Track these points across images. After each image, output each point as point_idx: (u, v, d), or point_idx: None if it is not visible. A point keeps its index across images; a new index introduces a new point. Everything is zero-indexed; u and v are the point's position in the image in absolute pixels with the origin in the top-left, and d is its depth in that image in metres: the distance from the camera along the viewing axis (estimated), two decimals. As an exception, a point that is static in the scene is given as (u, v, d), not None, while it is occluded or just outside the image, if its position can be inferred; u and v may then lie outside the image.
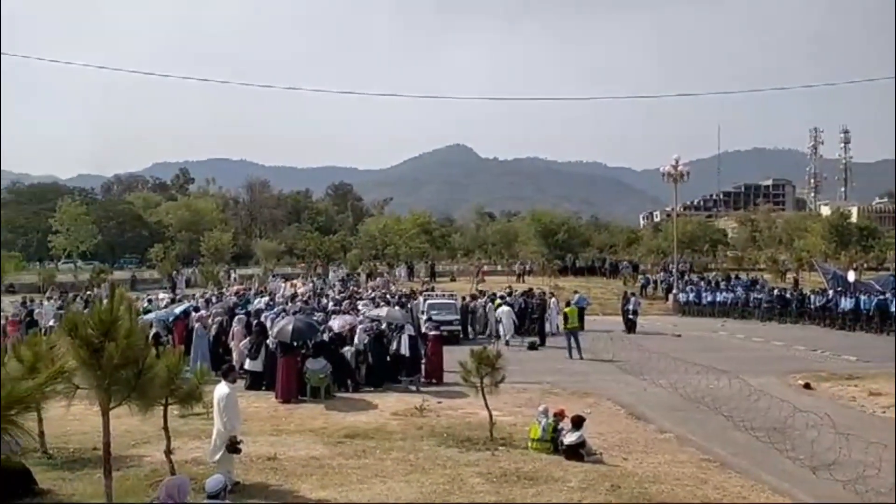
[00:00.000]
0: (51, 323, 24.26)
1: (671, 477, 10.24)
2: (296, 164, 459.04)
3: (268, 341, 17.71)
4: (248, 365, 17.75)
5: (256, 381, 17.52)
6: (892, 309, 29.04)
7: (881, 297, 30.61)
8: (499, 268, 62.45)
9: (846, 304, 31.34)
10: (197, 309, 23.59)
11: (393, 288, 38.95)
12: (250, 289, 36.27)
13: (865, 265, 57.07)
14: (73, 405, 7.90)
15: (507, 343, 25.08)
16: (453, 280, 52.41)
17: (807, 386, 17.60)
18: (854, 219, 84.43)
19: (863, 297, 31.03)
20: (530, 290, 33.17)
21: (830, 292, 33.73)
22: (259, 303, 26.48)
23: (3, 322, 23.82)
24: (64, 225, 61.04)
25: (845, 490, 9.65)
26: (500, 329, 26.45)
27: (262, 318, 20.84)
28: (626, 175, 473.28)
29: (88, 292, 36.38)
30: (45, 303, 30.48)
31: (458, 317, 27.48)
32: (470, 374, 12.47)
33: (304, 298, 28.79)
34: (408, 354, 18.10)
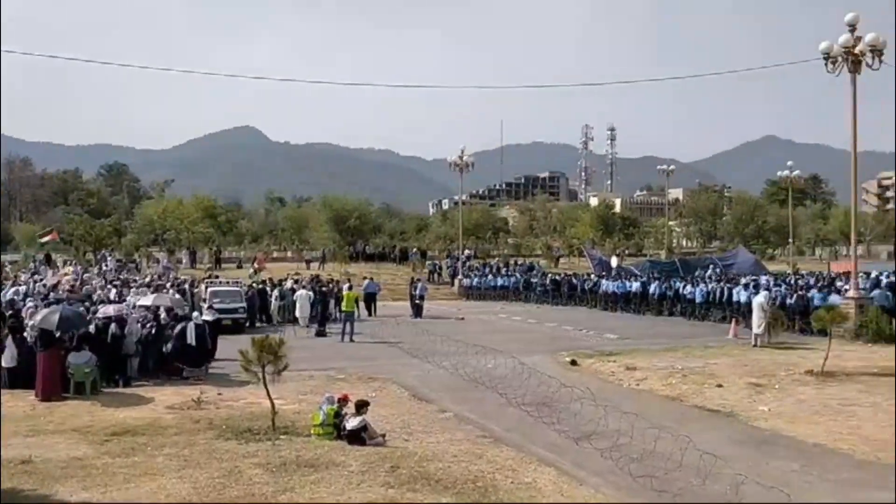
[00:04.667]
0: None
1: (448, 454, 10.63)
2: (63, 142, 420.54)
3: (25, 333, 16.04)
4: (4, 362, 15.94)
5: (14, 380, 15.77)
6: (651, 291, 32.18)
7: (640, 280, 33.94)
8: (289, 254, 61.36)
9: (609, 286, 34.37)
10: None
11: (173, 275, 36.89)
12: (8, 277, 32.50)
13: (627, 251, 63.25)
14: None
15: (304, 328, 25.48)
16: (240, 267, 50.69)
17: (573, 363, 19.03)
18: (617, 209, 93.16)
19: (626, 281, 34.20)
20: (317, 276, 32.92)
21: (594, 276, 36.90)
22: (11, 292, 23.74)
23: None
24: None
25: (602, 457, 10.56)
26: (297, 314, 26.92)
27: (18, 309, 18.80)
28: (417, 164, 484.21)
29: None
30: None
31: (244, 304, 26.65)
32: (251, 362, 12.07)
33: (69, 286, 26.38)
34: (194, 344, 17.26)
